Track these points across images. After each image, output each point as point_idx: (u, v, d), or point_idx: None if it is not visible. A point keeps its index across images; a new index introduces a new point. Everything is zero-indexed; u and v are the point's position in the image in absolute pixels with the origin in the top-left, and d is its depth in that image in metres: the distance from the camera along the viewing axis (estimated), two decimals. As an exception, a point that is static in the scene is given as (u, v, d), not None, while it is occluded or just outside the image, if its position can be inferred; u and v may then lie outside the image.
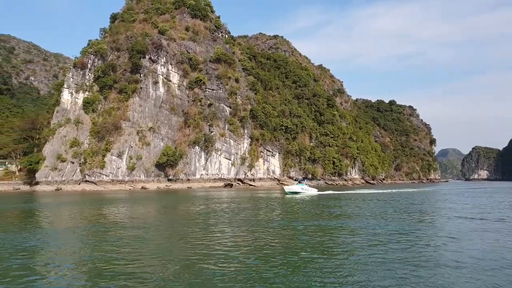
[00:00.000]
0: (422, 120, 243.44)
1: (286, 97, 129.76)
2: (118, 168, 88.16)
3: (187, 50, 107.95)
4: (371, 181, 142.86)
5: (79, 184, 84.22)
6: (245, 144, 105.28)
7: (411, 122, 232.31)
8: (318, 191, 59.76)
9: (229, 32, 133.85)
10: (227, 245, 16.19)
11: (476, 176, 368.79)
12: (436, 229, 20.67)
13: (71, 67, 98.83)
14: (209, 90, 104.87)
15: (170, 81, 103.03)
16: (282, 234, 19.23)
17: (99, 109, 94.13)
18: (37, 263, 13.50)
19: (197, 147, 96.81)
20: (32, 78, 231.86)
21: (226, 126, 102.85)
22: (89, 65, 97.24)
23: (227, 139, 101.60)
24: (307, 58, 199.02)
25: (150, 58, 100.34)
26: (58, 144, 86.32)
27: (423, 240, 17.21)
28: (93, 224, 23.67)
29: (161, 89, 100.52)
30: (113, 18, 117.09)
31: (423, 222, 24.00)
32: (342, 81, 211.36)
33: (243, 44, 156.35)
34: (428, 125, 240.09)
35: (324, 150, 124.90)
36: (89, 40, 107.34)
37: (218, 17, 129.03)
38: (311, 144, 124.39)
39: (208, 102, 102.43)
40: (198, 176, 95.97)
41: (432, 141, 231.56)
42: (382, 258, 13.58)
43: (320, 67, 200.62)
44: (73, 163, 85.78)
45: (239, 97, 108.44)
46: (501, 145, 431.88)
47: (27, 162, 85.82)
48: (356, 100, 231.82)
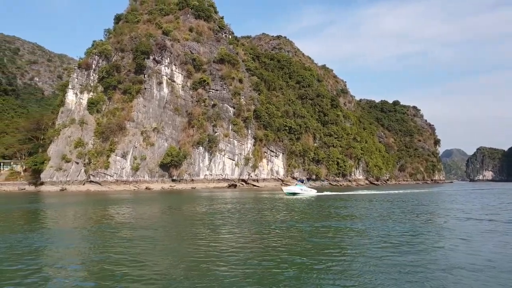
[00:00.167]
0: (426, 121, 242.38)
1: (290, 98, 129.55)
2: (123, 169, 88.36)
3: (191, 51, 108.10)
4: (375, 182, 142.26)
5: (84, 185, 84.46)
6: (249, 145, 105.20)
7: (415, 123, 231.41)
8: (317, 192, 59.24)
9: (233, 33, 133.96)
10: (235, 246, 16.04)
11: (481, 177, 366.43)
12: (447, 231, 20.41)
13: (76, 68, 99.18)
14: (213, 91, 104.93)
15: (174, 82, 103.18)
16: (290, 235, 19.05)
17: (104, 110, 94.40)
18: (45, 264, 13.41)
19: (201, 148, 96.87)
20: (37, 79, 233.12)
21: (230, 127, 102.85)
22: (94, 66, 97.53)
23: (231, 140, 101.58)
24: (311, 58, 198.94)
25: (154, 59, 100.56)
26: (63, 145, 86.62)
27: (435, 242, 16.97)
28: (99, 225, 23.60)
29: (165, 90, 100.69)
30: (117, 19, 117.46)
31: (433, 224, 23.74)
32: (346, 81, 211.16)
33: (247, 45, 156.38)
34: (432, 126, 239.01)
35: (328, 151, 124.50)
36: (94, 41, 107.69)
37: (222, 18, 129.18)
38: (315, 145, 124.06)
39: (212, 103, 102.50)
40: (202, 177, 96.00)
41: (437, 142, 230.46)
42: (395, 261, 13.37)
43: (324, 67, 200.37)
44: (78, 164, 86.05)
45: (243, 98, 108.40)
46: (506, 146, 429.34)
47: (32, 163, 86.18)
48: (360, 101, 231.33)
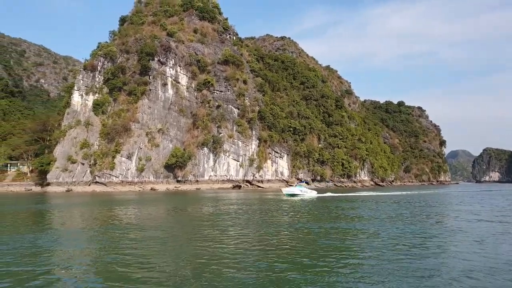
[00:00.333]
0: (432, 121, 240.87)
1: (294, 98, 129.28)
2: (128, 169, 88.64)
3: (196, 52, 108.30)
4: (381, 183, 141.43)
5: (89, 185, 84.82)
6: (253, 146, 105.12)
7: (420, 123, 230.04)
8: (318, 194, 58.60)
9: (237, 34, 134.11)
10: (244, 247, 15.89)
11: (487, 178, 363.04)
12: (459, 233, 20.11)
13: (81, 70, 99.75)
14: (217, 92, 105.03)
15: (179, 83, 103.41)
16: (299, 237, 18.89)
17: (109, 111, 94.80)
18: (53, 264, 13.37)
19: (206, 149, 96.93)
20: (43, 81, 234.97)
21: (234, 128, 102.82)
22: (99, 67, 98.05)
23: (235, 141, 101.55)
24: (315, 59, 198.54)
25: (159, 60, 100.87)
26: (69, 146, 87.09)
27: (450, 245, 16.68)
28: (106, 226, 23.58)
29: (170, 91, 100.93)
30: (122, 21, 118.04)
31: (444, 225, 23.45)
32: (350, 82, 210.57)
33: (251, 46, 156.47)
34: (438, 127, 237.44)
35: (333, 152, 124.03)
36: (99, 43, 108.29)
37: (226, 19, 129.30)
38: (320, 146, 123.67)
39: (217, 104, 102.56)
40: (207, 178, 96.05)
41: (442, 143, 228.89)
42: (410, 264, 13.12)
43: (328, 68, 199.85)
44: (83, 165, 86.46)
45: (247, 99, 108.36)
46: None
47: (39, 163, 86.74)
48: (364, 101, 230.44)
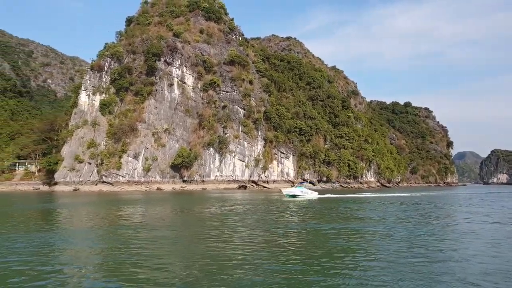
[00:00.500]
0: (439, 122, 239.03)
1: (300, 99, 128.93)
2: (134, 169, 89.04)
3: (202, 53, 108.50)
4: (387, 184, 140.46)
5: (96, 185, 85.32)
6: (259, 146, 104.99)
7: (427, 124, 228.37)
8: (319, 195, 57.99)
9: (243, 34, 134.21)
10: (254, 248, 15.74)
11: (495, 180, 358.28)
12: (473, 235, 19.76)
13: (88, 70, 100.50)
14: (223, 92, 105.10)
15: (185, 83, 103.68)
16: (310, 238, 18.73)
17: (116, 111, 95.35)
18: (62, 263, 13.37)
19: (212, 149, 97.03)
20: (50, 81, 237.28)
21: (240, 128, 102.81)
22: (106, 68, 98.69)
23: (241, 141, 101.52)
24: (321, 60, 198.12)
25: (165, 61, 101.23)
26: (76, 145, 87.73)
27: (464, 248, 16.35)
28: (114, 225, 23.60)
29: (176, 91, 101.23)
30: (129, 21, 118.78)
31: (456, 227, 23.10)
32: (356, 83, 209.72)
33: (256, 46, 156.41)
34: (445, 128, 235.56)
35: (339, 153, 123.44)
36: (106, 43, 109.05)
37: (232, 20, 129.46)
38: (326, 146, 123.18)
39: (222, 104, 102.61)
40: (213, 178, 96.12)
41: (449, 144, 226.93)
42: (426, 267, 12.87)
43: (334, 69, 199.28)
44: (90, 164, 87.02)
45: (253, 99, 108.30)
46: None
47: (46, 163, 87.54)
48: (371, 102, 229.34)
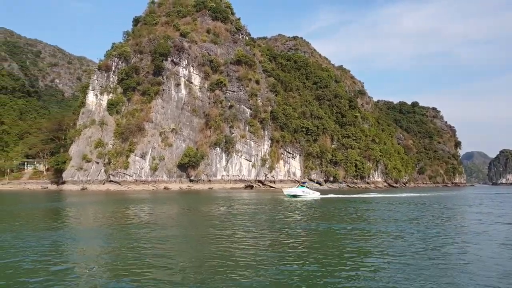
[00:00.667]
0: (447, 122, 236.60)
1: (307, 99, 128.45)
2: (142, 169, 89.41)
3: (208, 52, 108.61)
4: (394, 185, 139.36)
5: (104, 184, 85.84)
6: (266, 146, 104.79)
7: (435, 124, 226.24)
8: (321, 195, 57.34)
9: (249, 34, 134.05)
10: (266, 249, 15.56)
11: (504, 181, 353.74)
12: (487, 236, 19.35)
13: (96, 70, 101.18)
14: (230, 92, 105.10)
15: (192, 83, 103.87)
16: (323, 238, 18.48)
17: (123, 111, 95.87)
18: (72, 262, 13.34)
19: (218, 149, 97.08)
20: (57, 81, 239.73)
21: (247, 128, 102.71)
22: (113, 68, 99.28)
23: (248, 141, 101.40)
24: (327, 59, 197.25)
25: (172, 61, 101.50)
26: (84, 145, 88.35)
27: (480, 249, 15.97)
28: (123, 224, 23.57)
29: (183, 91, 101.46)
30: (136, 21, 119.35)
31: (469, 228, 22.67)
32: (363, 82, 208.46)
33: (263, 46, 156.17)
34: (453, 128, 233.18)
35: (346, 153, 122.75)
36: (113, 43, 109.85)
37: (239, 19, 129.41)
38: (333, 146, 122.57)
39: (229, 104, 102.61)
40: (219, 177, 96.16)
41: (457, 144, 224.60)
42: (442, 269, 12.60)
43: (341, 68, 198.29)
44: (98, 163, 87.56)
45: (260, 99, 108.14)
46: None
47: (54, 162, 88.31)
48: (378, 102, 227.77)
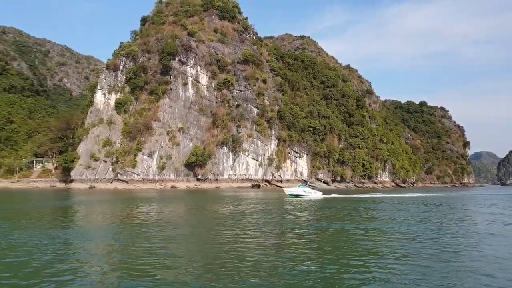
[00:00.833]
0: (455, 122, 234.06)
1: (314, 98, 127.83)
2: (149, 168, 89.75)
3: (216, 52, 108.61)
4: (402, 184, 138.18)
5: (111, 183, 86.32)
6: (273, 145, 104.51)
7: (443, 124, 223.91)
8: (324, 195, 56.69)
9: (257, 33, 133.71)
10: (277, 249, 15.37)
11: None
12: (502, 237, 18.92)
13: (104, 69, 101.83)
14: (237, 91, 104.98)
15: (199, 83, 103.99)
16: (336, 238, 18.22)
17: (131, 110, 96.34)
18: (80, 260, 13.32)
19: (225, 148, 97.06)
20: (65, 80, 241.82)
21: (254, 127, 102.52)
22: (121, 67, 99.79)
23: (255, 140, 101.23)
24: (334, 58, 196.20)
25: (180, 60, 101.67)
26: (92, 144, 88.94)
27: (495, 250, 15.62)
28: (132, 223, 23.55)
29: (190, 90, 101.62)
30: (144, 21, 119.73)
31: (483, 229, 22.22)
32: (370, 82, 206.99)
33: (270, 45, 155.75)
34: (462, 127, 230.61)
35: (354, 152, 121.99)
36: (121, 42, 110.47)
37: (246, 19, 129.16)
38: (340, 146, 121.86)
39: (236, 103, 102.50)
40: (226, 176, 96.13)
41: (466, 144, 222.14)
42: (462, 271, 12.30)
43: (348, 67, 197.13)
44: (106, 162, 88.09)
45: (267, 98, 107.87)
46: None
47: (63, 161, 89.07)
48: (385, 101, 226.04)
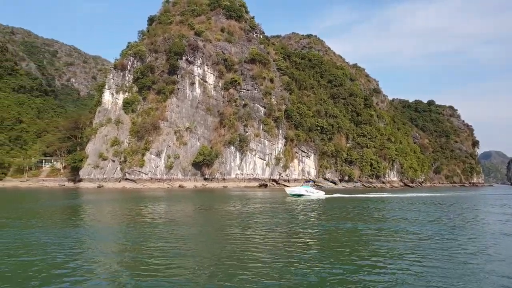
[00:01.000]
0: (464, 121, 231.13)
1: (322, 97, 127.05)
2: (157, 167, 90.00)
3: (223, 51, 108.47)
4: (410, 184, 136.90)
5: (120, 182, 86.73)
6: (280, 145, 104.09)
7: (452, 123, 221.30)
8: (326, 194, 56.01)
9: (263, 32, 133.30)
10: (288, 250, 15.11)
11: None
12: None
13: (112, 69, 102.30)
14: (244, 91, 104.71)
15: (206, 82, 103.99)
16: (347, 239, 17.91)
17: (138, 109, 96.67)
18: (89, 259, 13.32)
19: (232, 147, 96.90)
20: (73, 80, 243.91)
21: (261, 127, 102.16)
22: (129, 67, 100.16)
23: (262, 139, 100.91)
24: (342, 57, 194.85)
25: (187, 59, 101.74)
26: (100, 143, 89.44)
27: (508, 250, 15.24)
28: (141, 222, 23.47)
29: (198, 90, 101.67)
30: (151, 21, 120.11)
31: (497, 229, 21.72)
32: (378, 81, 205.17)
33: (277, 44, 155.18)
34: (470, 126, 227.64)
35: (362, 152, 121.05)
36: (128, 42, 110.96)
37: (253, 18, 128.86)
38: (348, 145, 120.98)
39: (243, 103, 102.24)
40: (233, 176, 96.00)
41: (475, 143, 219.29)
42: (485, 273, 11.93)
43: (355, 66, 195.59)
44: (114, 162, 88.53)
45: (274, 97, 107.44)
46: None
47: (71, 160, 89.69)
48: (393, 100, 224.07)
